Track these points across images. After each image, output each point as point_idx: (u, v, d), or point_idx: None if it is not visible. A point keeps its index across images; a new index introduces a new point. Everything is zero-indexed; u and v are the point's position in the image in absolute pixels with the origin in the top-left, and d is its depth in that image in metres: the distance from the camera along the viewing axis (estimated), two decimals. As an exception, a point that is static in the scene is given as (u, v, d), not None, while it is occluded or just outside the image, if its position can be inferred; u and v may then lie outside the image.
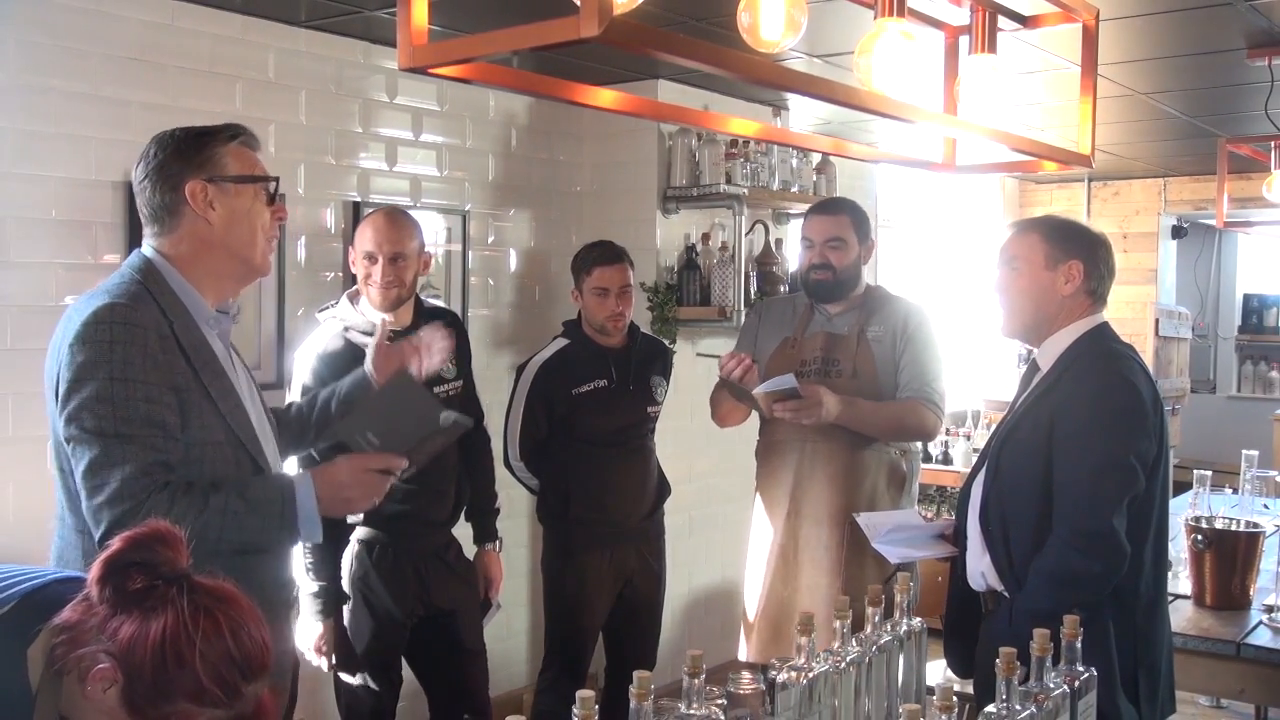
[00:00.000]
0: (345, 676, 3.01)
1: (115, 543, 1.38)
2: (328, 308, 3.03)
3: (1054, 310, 2.42)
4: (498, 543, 3.30)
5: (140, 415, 1.89)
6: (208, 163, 2.04)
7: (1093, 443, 2.24)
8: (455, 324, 3.23)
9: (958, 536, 2.53)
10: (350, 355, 2.91)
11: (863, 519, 2.78)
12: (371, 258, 2.96)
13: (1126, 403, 2.26)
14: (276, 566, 2.15)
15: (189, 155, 2.04)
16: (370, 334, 2.95)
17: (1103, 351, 2.36)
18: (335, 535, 2.78)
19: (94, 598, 1.35)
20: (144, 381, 1.89)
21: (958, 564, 2.50)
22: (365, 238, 2.98)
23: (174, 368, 1.94)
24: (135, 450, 1.87)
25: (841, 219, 3.32)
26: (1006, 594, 2.34)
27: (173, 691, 1.29)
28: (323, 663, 2.95)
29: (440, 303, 4.02)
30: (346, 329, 2.96)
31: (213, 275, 2.07)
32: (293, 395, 2.93)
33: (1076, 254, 2.40)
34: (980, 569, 2.40)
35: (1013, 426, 2.41)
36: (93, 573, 1.36)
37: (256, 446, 2.07)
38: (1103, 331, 2.41)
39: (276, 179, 2.14)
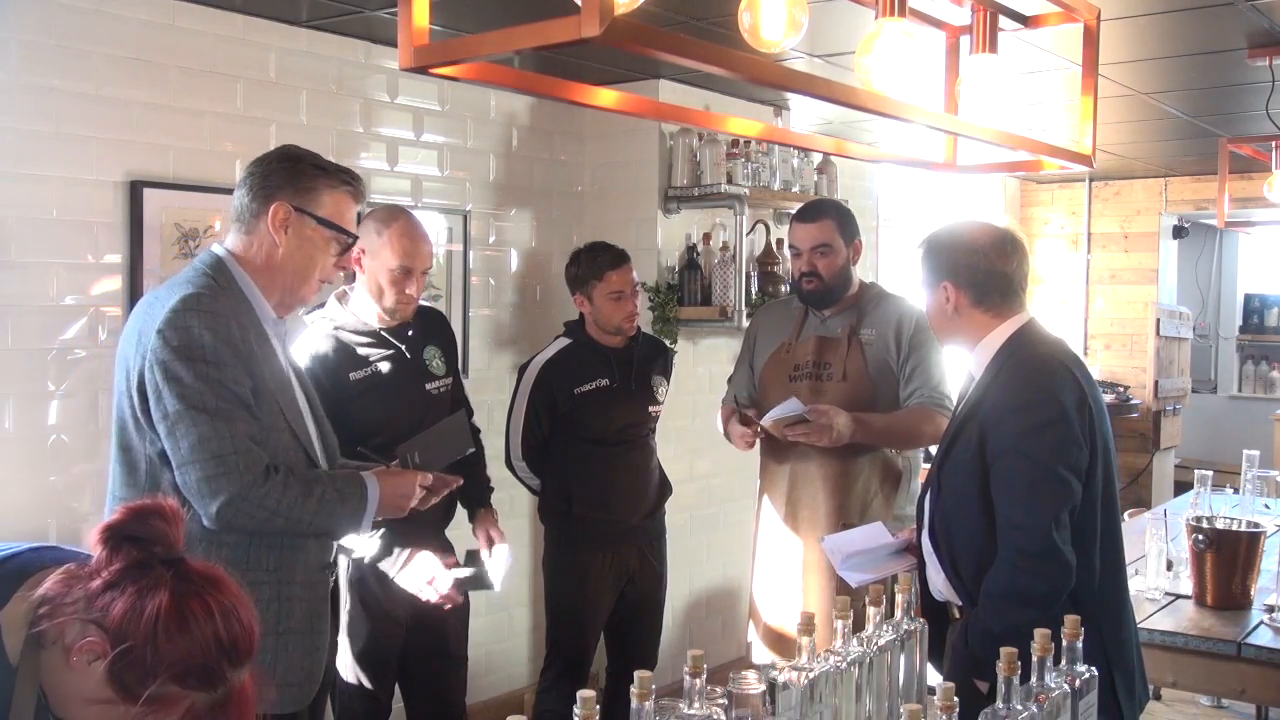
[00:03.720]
0: (342, 676, 3.00)
1: (117, 512, 1.42)
2: (315, 309, 3.02)
3: (954, 328, 2.38)
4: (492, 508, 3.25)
5: (232, 395, 2.07)
6: (304, 193, 2.20)
7: (1021, 461, 2.21)
8: (443, 323, 3.25)
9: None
10: (341, 354, 2.91)
11: (828, 543, 2.70)
12: (407, 272, 2.89)
13: (1049, 415, 2.21)
14: (321, 551, 2.29)
15: (294, 179, 2.20)
16: (360, 333, 2.95)
17: (1024, 361, 2.29)
18: None
19: (95, 562, 1.37)
20: (231, 365, 2.07)
21: (920, 570, 2.48)
22: (399, 251, 2.87)
23: (248, 355, 2.12)
24: (236, 426, 2.06)
25: (826, 224, 3.29)
26: (963, 607, 2.34)
27: (159, 671, 1.30)
28: (435, 592, 2.83)
29: (441, 303, 4.03)
30: (336, 328, 2.96)
31: (267, 289, 2.23)
32: None
33: (942, 275, 2.36)
34: (938, 584, 2.40)
35: (950, 444, 2.38)
36: (93, 537, 1.38)
37: (307, 439, 2.26)
38: (1025, 335, 2.34)
39: (355, 238, 2.32)
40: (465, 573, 2.94)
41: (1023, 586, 2.17)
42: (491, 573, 3.07)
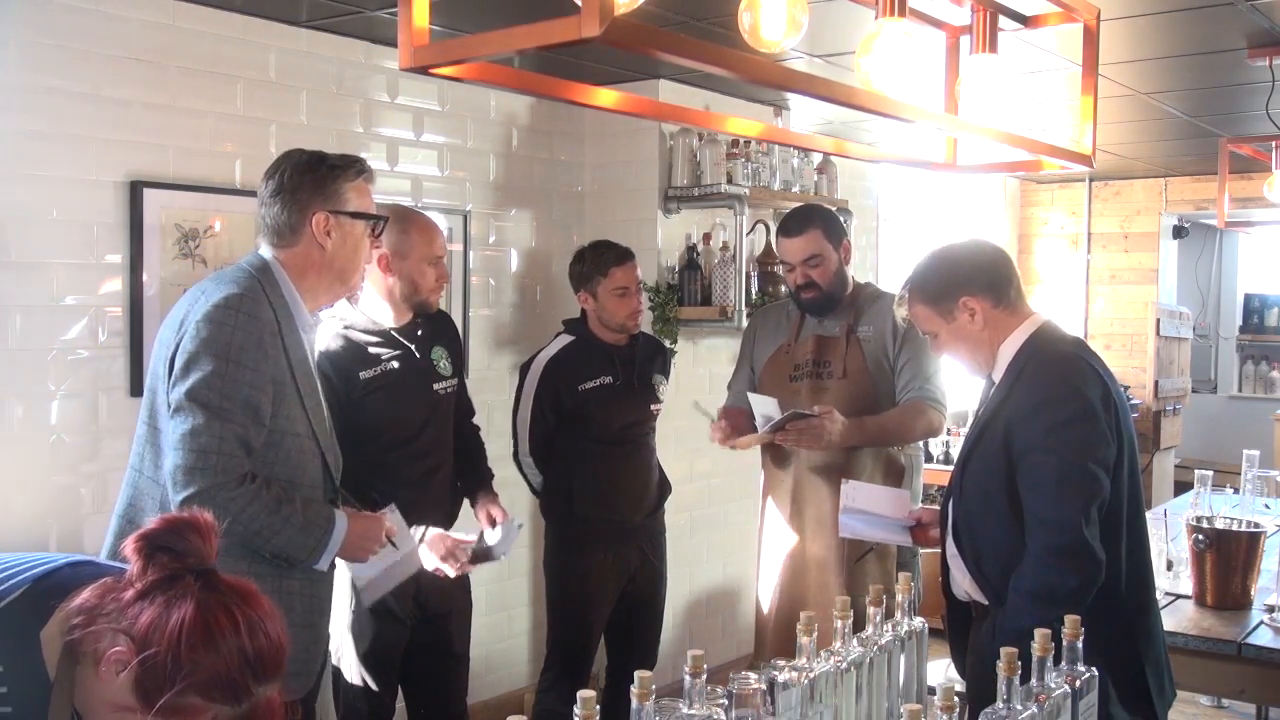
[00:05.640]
0: (346, 676, 3.00)
1: (153, 522, 1.42)
2: (324, 307, 3.03)
3: (982, 341, 2.39)
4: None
5: (241, 397, 2.17)
6: (333, 196, 2.35)
7: (1049, 457, 2.21)
8: (449, 324, 3.26)
9: (936, 538, 2.54)
10: (352, 353, 2.92)
11: (848, 486, 2.86)
12: (438, 261, 3.01)
13: (1076, 411, 2.22)
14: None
15: (320, 186, 2.34)
16: (371, 332, 2.96)
17: (1046, 359, 2.31)
18: None
19: (129, 573, 1.37)
20: (251, 368, 2.18)
21: (944, 571, 2.49)
22: (429, 242, 2.98)
23: (277, 362, 2.23)
24: (230, 428, 2.15)
25: (812, 235, 3.29)
26: (988, 606, 2.34)
27: (183, 683, 1.29)
28: (450, 567, 2.89)
29: (441, 303, 4.02)
30: (347, 327, 2.97)
31: (313, 289, 2.37)
32: None
33: (959, 293, 2.36)
34: (964, 585, 2.40)
35: (972, 445, 2.38)
36: (128, 545, 1.39)
37: (329, 443, 2.38)
38: (1044, 334, 2.36)
39: (385, 219, 2.48)
40: (473, 540, 2.98)
41: (1053, 583, 2.17)
42: (497, 544, 3.06)
